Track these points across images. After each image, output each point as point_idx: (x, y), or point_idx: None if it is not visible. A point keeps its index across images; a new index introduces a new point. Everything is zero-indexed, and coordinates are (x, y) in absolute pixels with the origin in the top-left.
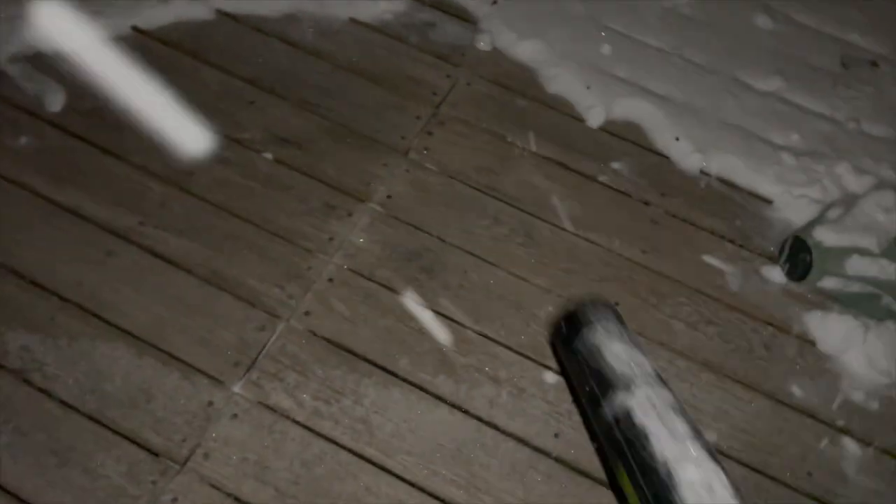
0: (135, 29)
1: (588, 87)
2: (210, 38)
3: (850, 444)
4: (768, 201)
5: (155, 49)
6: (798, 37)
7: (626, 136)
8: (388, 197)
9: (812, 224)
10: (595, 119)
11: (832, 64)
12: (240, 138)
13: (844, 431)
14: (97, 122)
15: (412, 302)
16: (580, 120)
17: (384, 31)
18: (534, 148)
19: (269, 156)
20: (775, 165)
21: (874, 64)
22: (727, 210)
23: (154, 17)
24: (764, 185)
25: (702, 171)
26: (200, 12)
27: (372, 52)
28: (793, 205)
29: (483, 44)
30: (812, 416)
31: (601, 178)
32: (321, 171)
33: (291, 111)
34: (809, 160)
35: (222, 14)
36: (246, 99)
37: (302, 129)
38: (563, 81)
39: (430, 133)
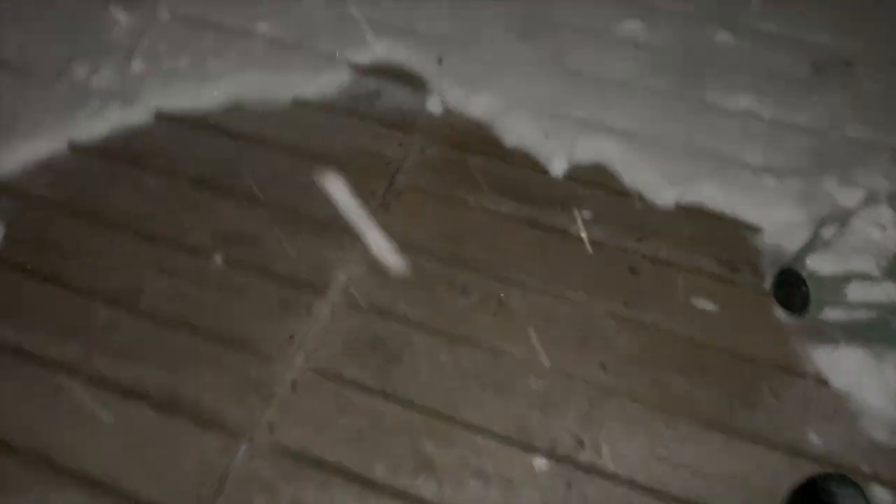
0: (71, 146)
1: (546, 135)
2: (150, 142)
3: (880, 492)
4: (755, 229)
5: (93, 164)
6: (763, 47)
7: (592, 181)
8: (347, 284)
9: (804, 250)
10: (557, 167)
11: (803, 71)
12: (188, 244)
13: (872, 478)
14: (38, 251)
15: (382, 398)
16: (542, 171)
17: (329, 108)
18: (496, 208)
19: (219, 259)
20: (757, 190)
21: (847, 64)
22: (711, 245)
23: (90, 129)
24: (748, 212)
25: (678, 206)
26: (138, 116)
27: (319, 130)
28: (782, 230)
29: (433, 106)
30: (835, 464)
31: (571, 230)
32: (275, 268)
33: (238, 207)
34: (793, 179)
35: (161, 116)
36: (191, 201)
37: (251, 224)
38: (519, 132)
39: (386, 207)
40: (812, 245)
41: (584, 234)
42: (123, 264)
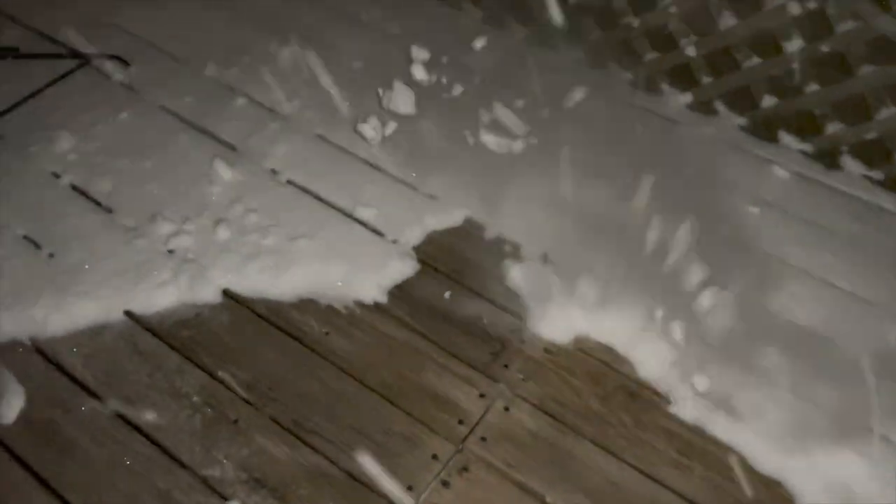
0: (128, 314)
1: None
2: (206, 327)
3: None
4: None
5: (142, 341)
6: None
7: None
8: None
9: None
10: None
11: None
12: (206, 476)
13: None
14: (45, 443)
15: None
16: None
17: (411, 325)
18: None
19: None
20: None
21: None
22: None
23: (151, 300)
24: None
25: None
26: (205, 294)
27: (390, 350)
28: None
29: (533, 326)
30: None
31: None
32: None
33: (278, 437)
34: None
35: (228, 296)
36: (229, 416)
37: (284, 466)
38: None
39: (445, 484)
40: None
41: None
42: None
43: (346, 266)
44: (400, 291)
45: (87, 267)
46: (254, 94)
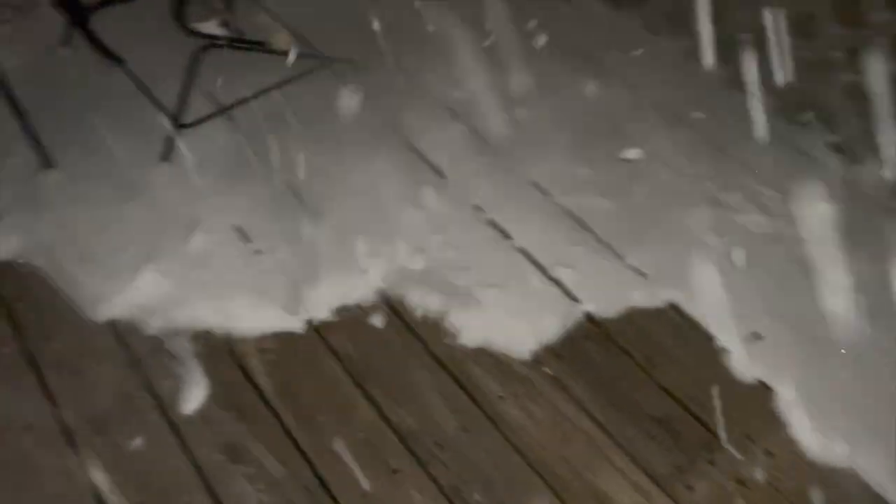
0: (316, 330)
1: None
2: (384, 360)
3: None
4: None
5: (325, 359)
6: None
7: None
8: None
9: None
10: None
11: None
12: None
13: None
14: (213, 443)
15: None
16: None
17: (591, 412)
18: None
19: None
20: None
21: None
22: None
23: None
24: None
25: None
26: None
27: (564, 436)
28: None
29: (724, 462)
30: None
31: None
32: None
33: (433, 499)
34: None
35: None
36: (390, 463)
37: None
38: None
39: None
40: None
41: None
42: None
43: (533, 327)
44: (585, 369)
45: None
46: (474, 122)
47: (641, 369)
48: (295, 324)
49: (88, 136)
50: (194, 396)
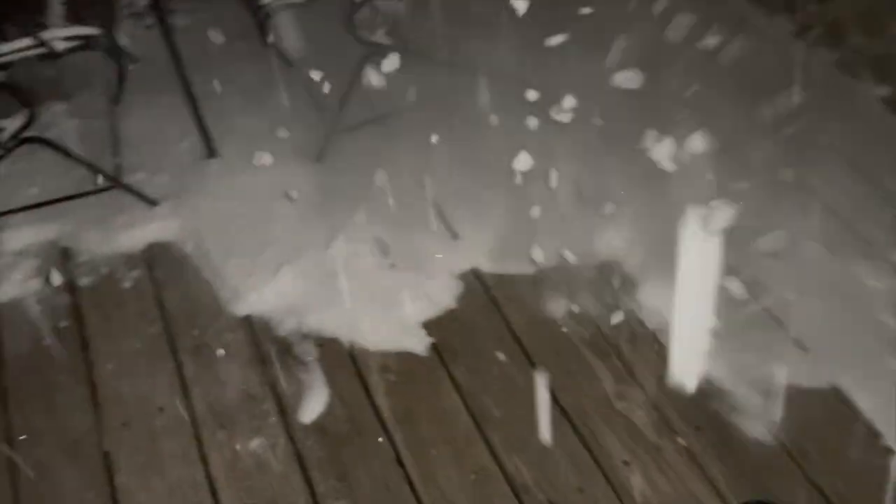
0: (435, 348)
1: None
2: (516, 408)
3: None
4: None
5: (444, 390)
6: None
7: None
8: None
9: None
10: None
11: None
12: None
13: None
14: (329, 460)
15: None
16: None
17: (725, 497)
18: None
19: None
20: None
21: None
22: None
23: None
24: None
25: None
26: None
27: None
28: None
29: None
30: None
31: None
32: None
33: None
34: None
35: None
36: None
37: None
38: None
39: None
40: None
41: None
42: None
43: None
44: (725, 447)
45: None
46: None
47: (791, 458)
48: (419, 346)
49: (251, 130)
50: (314, 405)
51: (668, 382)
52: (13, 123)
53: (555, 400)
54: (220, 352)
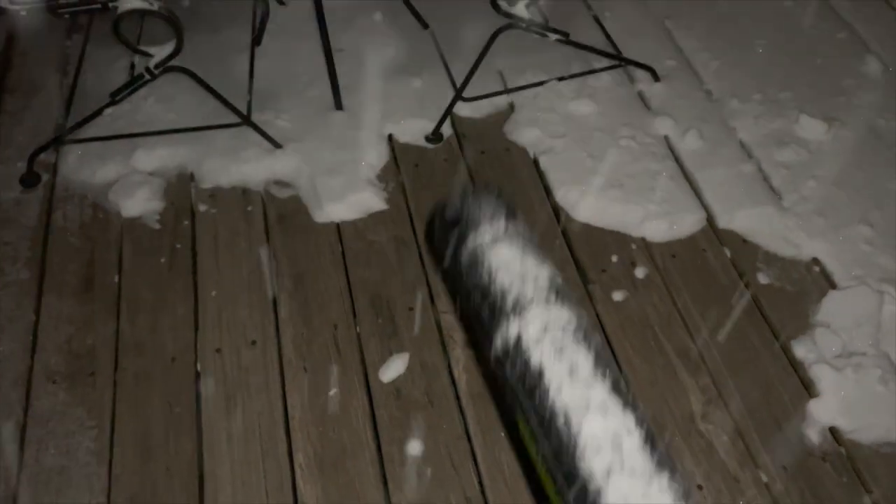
0: None
1: None
2: None
3: None
4: None
5: None
6: None
7: None
8: None
9: None
10: None
11: None
12: None
13: None
14: (406, 412)
15: None
16: None
17: None
18: None
19: None
20: None
21: None
22: None
23: None
24: None
25: None
26: None
27: None
28: None
29: None
30: None
31: None
32: None
33: None
34: None
35: None
36: None
37: None
38: None
39: None
40: None
41: None
42: None
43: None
44: (811, 493)
45: None
46: None
47: None
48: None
49: (377, 89)
50: (395, 367)
51: (759, 414)
52: (162, 51)
53: None
54: (313, 296)
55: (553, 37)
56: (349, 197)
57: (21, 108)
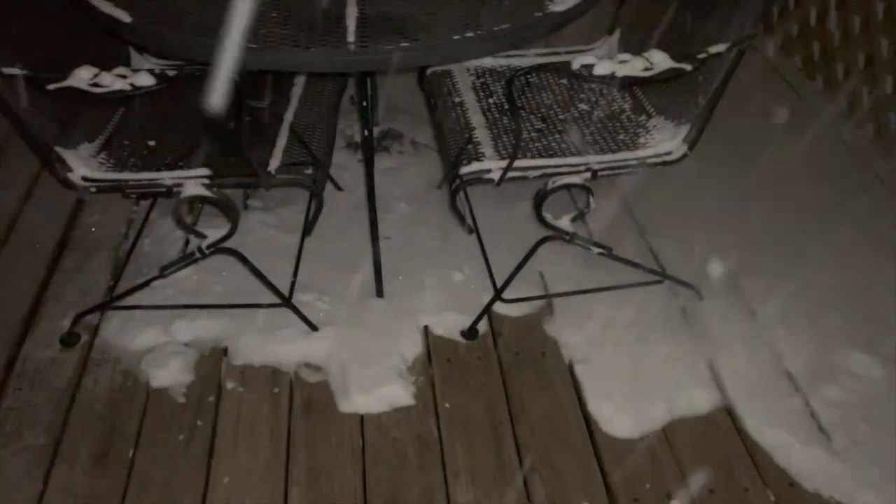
0: None
1: None
2: None
3: None
4: None
5: None
6: None
7: None
8: None
9: None
10: None
11: None
12: None
13: None
14: None
15: None
16: None
17: None
18: None
19: None
20: None
21: None
22: None
23: None
24: None
25: None
26: None
27: None
28: None
29: None
30: None
31: None
32: None
33: None
34: None
35: None
36: None
37: None
38: None
39: None
40: None
41: None
42: None
43: None
44: None
45: None
46: None
47: None
48: None
49: (418, 279)
50: None
51: None
52: (216, 233)
53: None
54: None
55: (596, 250)
56: (377, 389)
57: (76, 268)
